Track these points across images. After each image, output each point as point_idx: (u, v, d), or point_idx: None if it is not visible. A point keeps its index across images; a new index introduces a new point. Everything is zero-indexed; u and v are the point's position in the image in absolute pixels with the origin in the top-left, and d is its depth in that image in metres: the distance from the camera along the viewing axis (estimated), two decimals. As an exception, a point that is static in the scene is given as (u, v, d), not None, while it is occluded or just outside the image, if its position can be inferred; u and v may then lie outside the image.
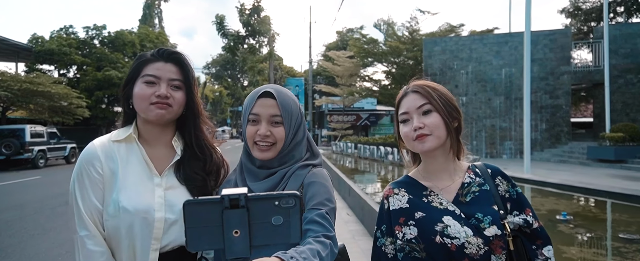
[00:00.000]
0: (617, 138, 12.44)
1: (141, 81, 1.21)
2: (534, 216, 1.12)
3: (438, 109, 1.13)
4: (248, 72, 26.68)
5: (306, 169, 1.18)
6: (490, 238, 1.06)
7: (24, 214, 6.96)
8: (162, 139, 1.28)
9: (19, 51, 23.32)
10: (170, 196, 1.21)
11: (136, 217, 1.16)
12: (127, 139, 1.25)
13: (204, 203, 0.58)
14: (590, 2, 22.94)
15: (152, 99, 1.19)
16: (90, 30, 27.15)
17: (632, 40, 16.21)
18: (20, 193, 9.55)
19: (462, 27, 21.70)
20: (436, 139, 1.12)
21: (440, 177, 1.19)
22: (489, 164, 1.20)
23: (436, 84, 1.21)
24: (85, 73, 25.28)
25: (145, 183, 1.21)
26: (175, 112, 1.24)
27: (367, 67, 25.76)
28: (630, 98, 16.16)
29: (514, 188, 1.15)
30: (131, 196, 1.17)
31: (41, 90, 17.93)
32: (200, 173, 1.26)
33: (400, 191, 1.22)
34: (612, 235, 4.46)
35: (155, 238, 1.17)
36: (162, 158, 1.26)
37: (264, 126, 1.16)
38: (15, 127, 16.33)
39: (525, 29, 9.68)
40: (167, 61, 1.24)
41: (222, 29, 20.81)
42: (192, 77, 1.27)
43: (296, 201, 0.60)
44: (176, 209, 1.20)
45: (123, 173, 1.20)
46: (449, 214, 1.12)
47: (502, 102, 17.01)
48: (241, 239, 0.59)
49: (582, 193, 6.97)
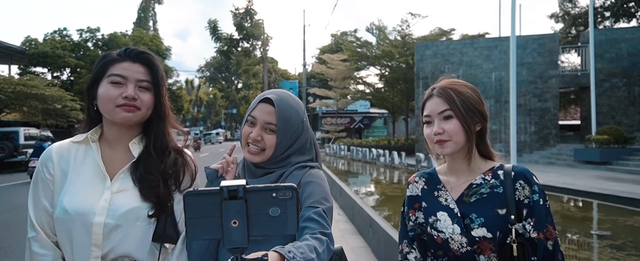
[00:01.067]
0: (602, 140, 12.76)
1: (107, 81, 1.15)
2: (536, 227, 1.09)
3: (458, 116, 1.15)
4: (242, 75, 26.83)
5: (303, 170, 1.20)
6: (477, 238, 1.10)
7: (21, 216, 7.08)
8: (124, 141, 1.22)
9: (12, 53, 23.29)
10: (117, 200, 1.14)
11: (74, 220, 1.11)
12: (84, 140, 1.21)
13: (203, 194, 0.60)
14: (579, 7, 23.43)
15: (118, 100, 1.13)
16: (84, 33, 27.19)
17: (617, 45, 16.63)
18: (16, 195, 9.64)
19: (453, 31, 22.07)
20: (454, 144, 1.16)
21: (458, 175, 1.24)
22: (518, 167, 1.18)
23: (463, 85, 1.22)
24: (79, 76, 25.30)
25: (95, 185, 1.15)
26: (143, 115, 1.19)
27: (360, 70, 26.04)
28: (616, 101, 16.56)
29: (534, 194, 1.12)
30: (73, 198, 1.12)
31: (35, 92, 17.95)
32: (155, 174, 1.18)
33: (420, 180, 1.31)
34: (585, 231, 4.71)
35: (94, 244, 1.10)
36: (120, 160, 1.21)
37: (257, 130, 1.17)
38: (9, 129, 16.36)
39: (511, 35, 9.98)
40: (135, 61, 1.18)
41: (216, 33, 20.97)
42: (161, 78, 1.21)
43: (293, 194, 0.61)
44: (118, 214, 1.12)
45: (74, 174, 1.16)
46: (445, 211, 1.19)
47: (492, 105, 17.33)
48: (239, 229, 0.60)
49: (564, 193, 7.25)
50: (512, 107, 9.98)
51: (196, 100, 57.11)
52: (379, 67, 24.31)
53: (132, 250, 1.13)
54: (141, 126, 1.25)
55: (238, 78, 56.05)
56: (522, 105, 16.69)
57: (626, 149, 12.65)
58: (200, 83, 60.74)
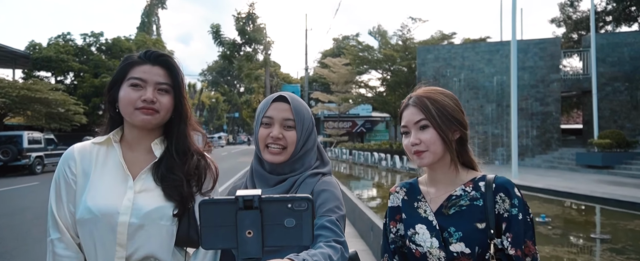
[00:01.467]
0: (604, 144, 12.76)
1: (127, 84, 1.16)
2: (514, 243, 1.04)
3: (434, 125, 1.12)
4: (244, 79, 26.95)
5: (316, 177, 1.19)
6: (454, 253, 1.07)
7: (26, 219, 7.14)
8: (145, 143, 1.23)
9: (17, 57, 23.50)
10: (140, 200, 1.15)
11: (99, 220, 1.11)
12: (106, 142, 1.22)
13: (219, 203, 0.60)
14: (580, 11, 23.47)
15: (138, 103, 1.14)
16: (88, 37, 27.36)
17: (619, 49, 16.65)
18: (21, 199, 9.71)
19: (454, 35, 22.15)
20: (432, 155, 1.13)
21: (437, 186, 1.20)
22: (500, 179, 1.13)
23: (439, 92, 1.19)
24: (82, 80, 25.45)
25: (118, 185, 1.16)
26: (163, 118, 1.19)
27: (362, 74, 26.13)
28: (617, 105, 16.55)
29: (514, 208, 1.07)
30: (97, 197, 1.13)
31: (39, 97, 18.06)
32: (177, 174, 1.19)
33: (401, 191, 1.27)
34: (585, 235, 4.73)
35: (119, 244, 1.11)
36: (142, 161, 1.22)
37: (277, 128, 1.18)
38: (13, 133, 16.42)
39: (512, 40, 10.03)
40: (155, 64, 1.19)
41: (219, 38, 21.11)
42: (181, 81, 1.22)
43: (309, 205, 0.61)
44: (143, 213, 1.13)
45: (96, 174, 1.17)
46: (424, 223, 1.15)
47: (494, 110, 17.35)
48: (254, 240, 0.60)
49: (565, 197, 7.26)
50: (513, 112, 10.01)
51: (199, 104, 57.30)
52: (381, 71, 24.40)
53: (156, 250, 1.14)
54: (162, 128, 1.26)
55: (240, 82, 56.27)
56: (524, 109, 16.72)
57: (628, 153, 12.65)
58: (202, 87, 60.97)
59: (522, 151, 16.43)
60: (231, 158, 23.47)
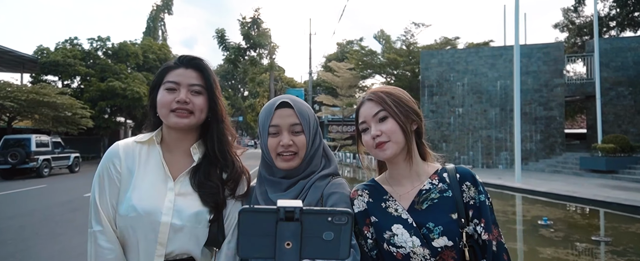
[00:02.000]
0: (608, 149, 12.76)
1: (163, 87, 1.22)
2: (487, 228, 1.07)
3: (392, 115, 1.13)
4: (249, 84, 27.13)
5: (325, 180, 1.20)
6: (439, 249, 1.05)
7: (35, 221, 7.27)
8: (183, 146, 1.28)
9: (25, 62, 23.81)
10: (180, 202, 1.19)
11: (142, 218, 1.15)
12: (149, 141, 1.27)
13: (259, 212, 0.60)
14: (584, 16, 23.51)
15: (172, 105, 1.19)
16: (95, 42, 27.62)
17: (622, 54, 16.67)
18: (29, 201, 9.86)
19: (457, 39, 22.22)
20: (395, 145, 1.12)
21: (402, 183, 1.19)
22: (461, 168, 1.15)
23: (393, 88, 1.22)
24: (89, 84, 25.68)
25: (159, 185, 1.20)
26: (197, 119, 1.23)
27: (366, 78, 26.23)
28: (621, 110, 16.55)
29: (480, 194, 1.10)
30: (142, 196, 1.17)
31: (47, 100, 18.28)
32: (214, 180, 1.23)
33: (364, 193, 1.23)
34: (586, 237, 4.79)
35: (160, 243, 1.15)
36: (181, 163, 1.26)
37: (286, 136, 1.17)
38: (21, 137, 16.62)
39: (515, 45, 10.11)
40: (188, 67, 1.24)
41: (224, 42, 21.31)
42: (214, 82, 1.26)
43: (349, 219, 0.60)
44: (184, 216, 1.17)
45: (139, 173, 1.21)
46: (399, 223, 1.11)
47: (497, 114, 17.39)
48: (292, 251, 0.59)
49: (567, 200, 7.30)
50: (516, 116, 10.07)
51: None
52: (385, 75, 24.49)
53: (192, 249, 1.19)
54: (199, 131, 1.30)
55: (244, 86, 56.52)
56: (527, 113, 16.74)
57: (632, 158, 12.64)
58: (207, 91, 61.29)
59: (526, 156, 16.44)
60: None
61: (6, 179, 15.18)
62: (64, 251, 5.31)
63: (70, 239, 5.95)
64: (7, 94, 17.21)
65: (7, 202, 9.80)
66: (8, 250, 5.37)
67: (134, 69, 28.24)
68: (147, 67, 28.89)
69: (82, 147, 21.89)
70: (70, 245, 5.58)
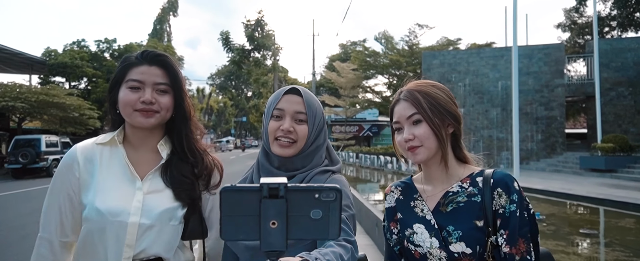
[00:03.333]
0: (607, 148, 12.94)
1: (125, 86, 1.16)
2: (510, 241, 0.99)
3: (426, 119, 1.08)
4: (252, 85, 27.47)
5: (325, 175, 1.17)
6: (456, 254, 1.02)
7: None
8: (149, 143, 1.24)
9: (33, 63, 24.21)
10: (150, 201, 1.16)
11: (109, 221, 1.11)
12: (110, 142, 1.21)
13: (242, 191, 0.56)
14: (586, 16, 23.67)
15: (137, 105, 1.14)
16: (102, 44, 28.14)
17: (622, 55, 16.86)
18: (42, 199, 10.19)
19: (459, 41, 22.45)
20: (427, 150, 1.09)
21: (434, 183, 1.16)
22: (498, 173, 1.06)
23: (431, 85, 1.15)
24: (95, 85, 26.13)
25: (125, 186, 1.16)
26: (163, 117, 1.19)
27: (369, 79, 26.50)
28: (621, 110, 16.73)
29: (512, 204, 1.01)
30: (106, 198, 1.13)
31: (56, 101, 18.66)
32: (188, 176, 1.20)
33: (396, 190, 1.24)
34: (575, 230, 5.05)
35: (127, 244, 1.11)
36: (147, 161, 1.22)
37: (288, 121, 1.14)
38: (32, 137, 17.00)
39: (513, 46, 10.35)
40: (152, 64, 1.17)
41: (228, 44, 21.65)
42: (180, 80, 1.21)
43: (337, 196, 0.57)
44: (153, 214, 1.14)
45: (102, 176, 1.17)
46: (422, 223, 1.11)
47: (498, 114, 17.61)
48: (278, 231, 0.56)
49: (562, 197, 7.56)
50: (514, 116, 10.31)
51: (207, 108, 58.07)
52: (387, 75, 24.75)
53: (162, 250, 1.16)
54: (164, 128, 1.26)
55: (248, 87, 56.96)
56: (528, 113, 16.95)
57: (631, 157, 12.82)
58: (211, 92, 61.76)
59: (527, 155, 16.66)
60: (240, 162, 23.88)
61: (17, 179, 15.55)
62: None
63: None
64: (18, 96, 17.60)
65: (24, 199, 10.17)
66: (31, 243, 5.69)
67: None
68: (153, 69, 29.25)
69: (89, 147, 22.23)
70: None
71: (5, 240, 5.80)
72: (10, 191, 11.63)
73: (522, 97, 16.86)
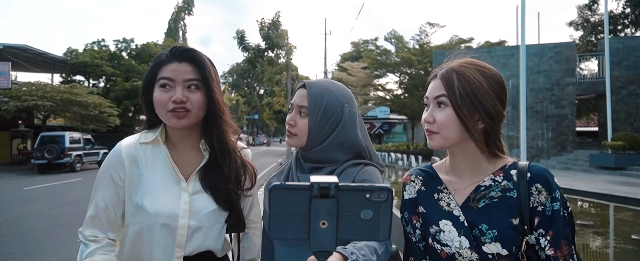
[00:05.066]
0: (617, 146, 13.06)
1: (157, 85, 1.13)
2: (554, 243, 0.89)
3: (454, 105, 0.95)
4: (266, 83, 28.00)
5: (357, 167, 1.14)
6: (490, 255, 0.92)
7: (81, 208, 8.07)
8: (189, 142, 1.23)
9: (55, 63, 25.10)
10: (196, 202, 1.16)
11: (158, 222, 1.12)
12: (153, 141, 1.20)
13: (292, 189, 0.55)
14: (599, 14, 23.55)
15: (169, 105, 1.11)
16: (120, 44, 28.94)
17: (634, 53, 16.88)
18: (71, 191, 10.84)
19: (471, 40, 22.58)
20: (443, 139, 0.98)
21: (462, 175, 1.04)
22: (536, 167, 0.96)
23: (476, 68, 0.99)
24: (114, 84, 26.90)
25: (171, 187, 1.16)
26: (195, 116, 1.15)
27: (380, 77, 26.77)
28: (633, 108, 16.76)
29: (555, 202, 0.91)
30: (155, 200, 1.13)
31: (79, 100, 19.39)
32: (223, 182, 1.19)
33: (417, 179, 1.11)
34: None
35: (178, 245, 1.13)
36: (189, 162, 1.21)
37: (292, 114, 1.18)
38: (56, 134, 17.72)
39: (521, 45, 10.60)
40: (182, 60, 1.14)
41: (243, 43, 22.16)
42: (211, 75, 1.16)
43: (389, 196, 0.55)
44: (200, 216, 1.15)
45: (148, 176, 1.17)
46: (449, 219, 0.99)
47: (509, 112, 17.66)
48: (328, 231, 0.54)
49: (567, 193, 7.80)
50: (522, 114, 10.57)
51: (220, 106, 58.80)
52: (398, 74, 25.00)
53: (211, 245, 1.19)
54: (201, 126, 1.23)
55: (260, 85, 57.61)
56: (539, 112, 17.08)
57: (641, 155, 12.93)
58: (224, 89, 62.63)
59: (537, 153, 16.80)
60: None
61: (43, 173, 16.26)
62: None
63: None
64: (44, 95, 18.37)
65: (53, 192, 10.79)
66: (70, 230, 6.24)
67: (156, 69, 29.32)
68: (169, 67, 29.96)
69: (108, 144, 23.01)
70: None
71: (45, 229, 6.34)
72: (40, 185, 12.30)
73: (533, 95, 17.01)
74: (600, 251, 4.34)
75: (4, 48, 19.98)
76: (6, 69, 19.21)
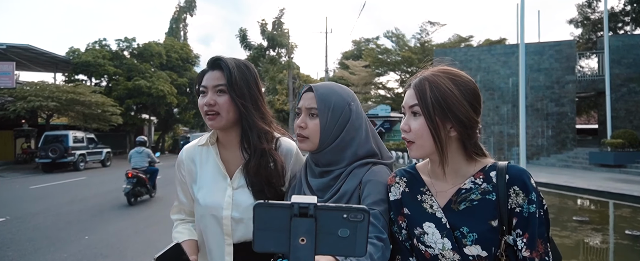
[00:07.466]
0: (616, 143, 13.15)
1: (200, 93, 1.29)
2: (530, 244, 0.92)
3: (425, 115, 0.98)
4: (267, 82, 28.09)
5: (365, 167, 1.15)
6: (470, 257, 0.96)
7: (90, 206, 8.32)
8: (233, 141, 1.35)
9: (58, 62, 25.22)
10: (238, 196, 1.28)
11: (207, 213, 1.28)
12: (206, 143, 1.37)
13: (274, 207, 0.58)
14: (598, 12, 23.61)
15: (204, 109, 1.26)
16: (122, 43, 29.01)
17: (634, 51, 16.96)
18: (77, 190, 10.98)
19: (471, 38, 22.68)
20: (420, 148, 1.01)
21: (442, 178, 1.05)
22: (514, 168, 0.98)
23: (449, 77, 1.02)
24: (116, 83, 26.97)
25: (218, 182, 1.31)
26: (226, 118, 1.26)
27: (381, 76, 26.89)
28: (633, 106, 16.85)
29: (531, 204, 0.93)
30: (206, 193, 1.30)
31: (82, 99, 19.51)
32: (259, 179, 1.29)
33: (401, 180, 1.12)
34: (569, 217, 5.49)
35: (226, 234, 1.27)
36: (236, 159, 1.34)
37: (302, 118, 1.19)
38: (60, 133, 17.83)
39: (520, 43, 10.71)
40: (213, 69, 1.28)
41: (245, 42, 22.26)
42: (235, 79, 1.25)
43: (365, 216, 0.58)
44: (242, 209, 1.26)
45: (202, 173, 1.35)
46: (432, 221, 1.02)
47: (509, 110, 17.87)
48: (306, 247, 0.58)
49: (564, 190, 7.97)
50: (521, 112, 10.68)
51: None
52: (399, 72, 25.11)
53: None
54: (239, 127, 1.33)
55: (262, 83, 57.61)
56: (539, 110, 17.18)
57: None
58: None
59: (537, 151, 16.92)
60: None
61: (47, 172, 16.42)
62: (123, 229, 6.29)
63: (133, 216, 7.00)
64: (50, 95, 18.50)
65: (59, 190, 10.95)
66: (79, 227, 6.39)
67: (157, 68, 29.49)
68: (170, 66, 30.14)
69: (110, 142, 23.18)
70: (125, 224, 6.57)
71: (54, 226, 6.50)
72: (45, 184, 12.46)
73: (533, 93, 17.11)
74: (596, 246, 4.47)
75: (8, 48, 20.11)
76: (10, 69, 19.35)
